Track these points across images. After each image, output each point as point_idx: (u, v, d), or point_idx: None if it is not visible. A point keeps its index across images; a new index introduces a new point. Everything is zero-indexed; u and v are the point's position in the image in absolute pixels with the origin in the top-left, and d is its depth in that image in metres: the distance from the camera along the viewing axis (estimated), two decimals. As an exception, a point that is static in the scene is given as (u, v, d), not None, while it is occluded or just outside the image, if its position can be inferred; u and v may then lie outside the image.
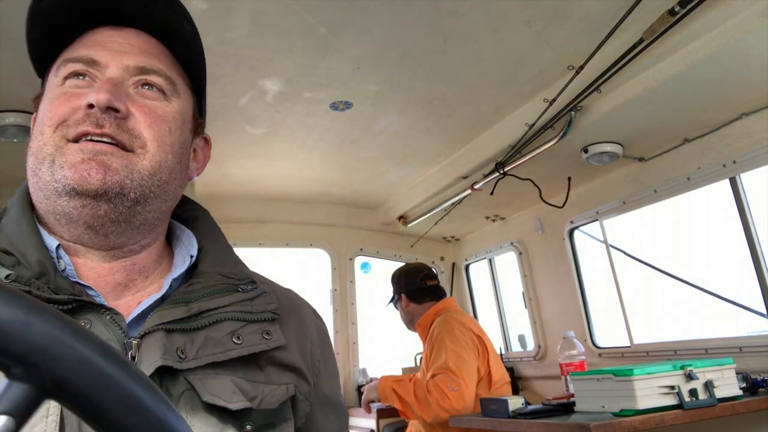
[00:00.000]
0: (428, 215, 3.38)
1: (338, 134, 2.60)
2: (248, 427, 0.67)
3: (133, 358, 0.63)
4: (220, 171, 2.97)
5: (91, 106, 0.66)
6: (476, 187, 2.89)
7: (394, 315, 3.11)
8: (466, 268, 4.09)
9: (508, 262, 3.73)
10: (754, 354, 2.24)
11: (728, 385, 1.95)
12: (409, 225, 3.60)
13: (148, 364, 0.63)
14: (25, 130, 2.08)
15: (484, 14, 1.76)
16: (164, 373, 0.64)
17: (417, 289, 2.90)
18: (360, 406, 2.96)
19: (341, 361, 3.65)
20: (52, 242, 0.68)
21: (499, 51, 1.96)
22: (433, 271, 2.99)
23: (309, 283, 3.91)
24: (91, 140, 0.66)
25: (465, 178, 2.91)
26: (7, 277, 0.62)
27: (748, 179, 2.31)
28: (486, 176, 2.77)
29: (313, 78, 2.09)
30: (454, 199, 3.11)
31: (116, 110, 0.67)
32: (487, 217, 3.65)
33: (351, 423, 3.60)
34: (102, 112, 0.66)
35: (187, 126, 0.77)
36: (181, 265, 0.75)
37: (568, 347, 2.55)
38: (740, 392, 1.98)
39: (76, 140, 0.66)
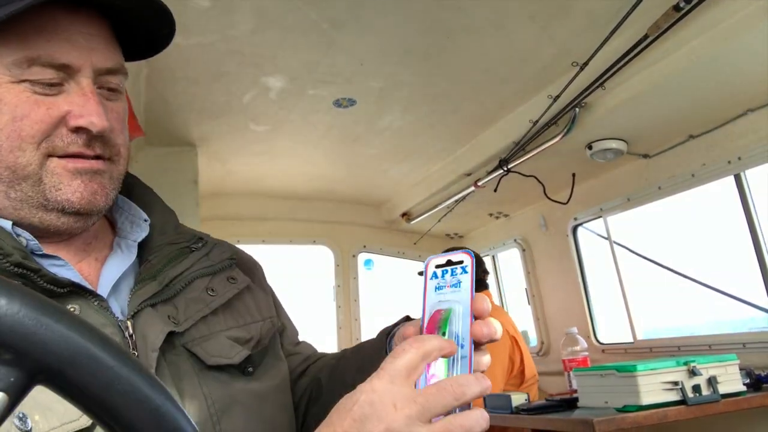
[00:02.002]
0: (432, 212, 3.39)
1: (342, 131, 2.60)
2: (250, 369, 0.74)
3: (131, 336, 0.66)
4: (224, 168, 2.98)
5: (79, 129, 0.65)
6: (480, 184, 2.89)
7: (397, 312, 3.11)
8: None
9: (511, 259, 3.73)
10: (758, 350, 2.23)
11: (732, 381, 1.95)
12: (412, 222, 3.61)
13: (155, 336, 0.66)
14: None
15: (487, 10, 1.75)
16: (165, 346, 0.67)
17: (478, 278, 2.94)
18: None
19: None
20: (5, 223, 0.65)
21: (503, 47, 1.96)
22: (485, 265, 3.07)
23: (312, 279, 3.91)
24: (80, 156, 0.66)
25: (469, 175, 2.91)
26: (16, 264, 0.60)
27: (753, 176, 2.31)
28: (490, 173, 2.77)
29: (316, 75, 2.09)
30: (457, 196, 3.11)
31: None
32: (491, 214, 3.65)
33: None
34: (94, 135, 0.66)
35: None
36: (137, 230, 0.77)
37: (571, 343, 2.55)
38: (744, 388, 1.98)
39: (57, 155, 0.65)
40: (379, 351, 0.74)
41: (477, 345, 0.57)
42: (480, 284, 2.96)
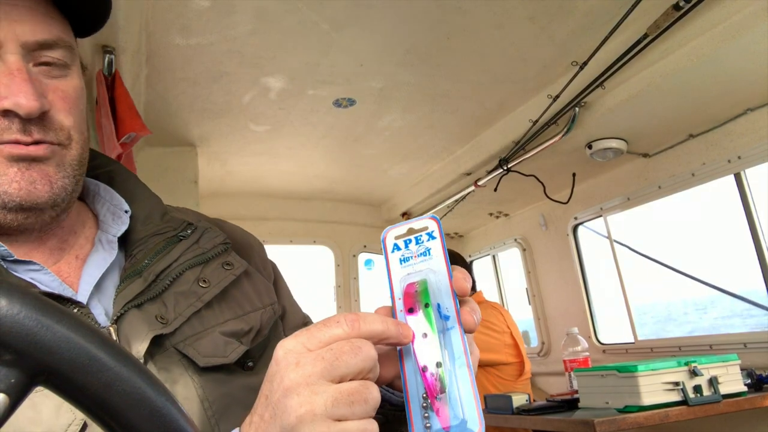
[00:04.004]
0: (432, 212, 3.38)
1: (342, 131, 2.60)
2: (249, 364, 0.68)
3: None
4: (224, 168, 2.98)
5: (7, 112, 0.58)
6: (480, 183, 2.89)
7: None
8: (470, 264, 4.09)
9: (511, 259, 3.73)
10: (759, 350, 2.23)
11: (733, 382, 1.95)
12: (412, 222, 3.60)
13: (140, 341, 0.61)
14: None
15: (487, 10, 1.75)
16: (154, 349, 0.62)
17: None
18: None
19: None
20: None
21: (503, 47, 1.96)
22: None
23: (312, 279, 3.92)
24: (17, 143, 0.59)
25: (469, 174, 2.91)
26: None
27: (753, 175, 2.31)
28: (490, 173, 2.76)
29: (316, 75, 2.09)
30: (457, 196, 3.11)
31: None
32: (491, 214, 3.65)
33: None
34: (25, 118, 0.58)
35: (83, 81, 0.69)
36: (117, 222, 0.71)
37: (571, 343, 2.55)
38: (745, 388, 1.98)
39: None
40: None
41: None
42: (474, 286, 2.97)
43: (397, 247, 0.54)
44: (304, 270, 3.94)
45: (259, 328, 0.71)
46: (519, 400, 2.20)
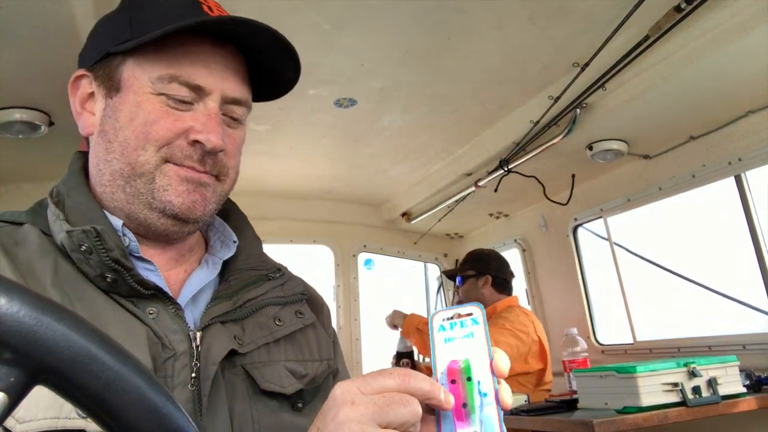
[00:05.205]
0: (432, 212, 3.38)
1: (342, 131, 2.60)
2: (299, 405, 0.77)
3: (197, 347, 0.71)
4: (224, 167, 2.98)
5: (196, 142, 0.73)
6: (480, 184, 2.89)
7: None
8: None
9: (511, 259, 3.72)
10: (758, 351, 2.23)
11: (732, 383, 1.95)
12: (412, 222, 3.61)
13: (218, 350, 0.71)
14: (31, 127, 2.08)
15: (488, 11, 1.75)
16: (226, 364, 0.72)
17: (504, 279, 2.96)
18: None
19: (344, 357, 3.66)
20: (117, 222, 0.75)
21: (504, 48, 1.96)
22: None
23: (312, 279, 3.91)
24: (191, 168, 0.74)
25: (469, 175, 2.91)
26: (114, 260, 0.68)
27: (754, 177, 2.31)
28: (490, 173, 2.77)
29: (317, 75, 2.09)
30: (457, 196, 3.11)
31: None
32: (491, 214, 3.65)
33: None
34: (207, 151, 0.73)
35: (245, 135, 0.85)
36: (225, 249, 0.85)
37: (571, 344, 2.55)
38: (744, 389, 1.98)
39: (174, 162, 0.74)
40: None
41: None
42: (505, 287, 2.95)
43: (443, 328, 0.60)
44: (304, 270, 3.93)
45: (313, 377, 0.81)
46: (517, 400, 2.20)
